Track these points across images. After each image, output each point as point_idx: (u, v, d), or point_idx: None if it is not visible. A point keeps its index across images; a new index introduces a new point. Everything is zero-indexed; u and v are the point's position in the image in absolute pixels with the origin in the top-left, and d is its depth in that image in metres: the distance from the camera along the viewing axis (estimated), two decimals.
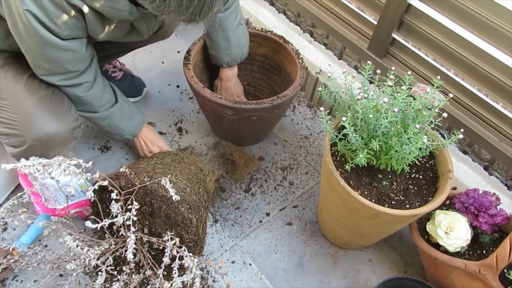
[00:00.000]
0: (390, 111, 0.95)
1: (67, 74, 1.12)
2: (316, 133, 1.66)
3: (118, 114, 1.30)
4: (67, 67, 1.09)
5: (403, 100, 0.98)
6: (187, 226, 1.10)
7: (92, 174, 0.98)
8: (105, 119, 1.29)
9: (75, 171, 0.91)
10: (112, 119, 1.29)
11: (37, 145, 1.12)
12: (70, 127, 1.16)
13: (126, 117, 1.33)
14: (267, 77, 1.61)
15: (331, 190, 1.13)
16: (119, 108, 1.29)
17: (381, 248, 1.38)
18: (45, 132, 1.11)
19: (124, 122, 1.33)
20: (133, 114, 1.36)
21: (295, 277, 1.30)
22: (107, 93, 1.26)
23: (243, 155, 1.51)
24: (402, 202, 1.08)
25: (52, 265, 1.18)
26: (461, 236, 1.11)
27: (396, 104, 0.98)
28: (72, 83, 1.15)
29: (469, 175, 1.41)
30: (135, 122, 1.36)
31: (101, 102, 1.24)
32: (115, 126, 1.32)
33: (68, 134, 1.16)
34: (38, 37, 0.96)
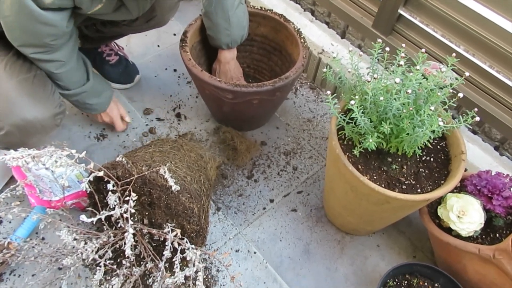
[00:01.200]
0: (403, 92, 0.89)
1: (41, 48, 1.05)
2: (320, 115, 1.61)
3: (88, 92, 1.26)
4: (42, 41, 1.03)
5: (416, 80, 0.92)
6: (189, 216, 1.05)
7: (87, 165, 0.93)
8: (75, 96, 1.24)
9: (68, 162, 0.85)
10: (81, 96, 1.25)
11: (15, 131, 1.06)
12: (51, 113, 1.09)
13: (96, 95, 1.30)
14: (268, 58, 1.55)
15: (338, 175, 1.08)
16: (90, 87, 1.25)
17: (389, 233, 1.34)
18: (23, 117, 1.05)
19: (93, 100, 1.30)
20: (102, 91, 1.32)
21: (301, 265, 1.26)
22: (79, 72, 1.21)
23: (245, 140, 1.46)
24: (413, 186, 1.03)
25: (50, 259, 1.14)
26: (474, 220, 1.07)
27: (409, 85, 0.92)
28: (45, 58, 1.08)
29: (480, 156, 1.36)
30: (103, 100, 1.34)
31: (72, 80, 1.20)
32: (83, 103, 1.29)
33: (49, 121, 1.10)
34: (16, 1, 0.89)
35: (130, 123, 1.50)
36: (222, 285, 1.20)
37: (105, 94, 1.33)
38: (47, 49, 1.06)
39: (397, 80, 0.93)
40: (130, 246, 0.83)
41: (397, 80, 0.93)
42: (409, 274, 1.18)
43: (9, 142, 1.09)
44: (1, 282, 1.17)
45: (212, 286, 1.20)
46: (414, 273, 1.18)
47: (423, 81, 0.97)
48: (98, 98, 1.31)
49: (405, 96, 0.90)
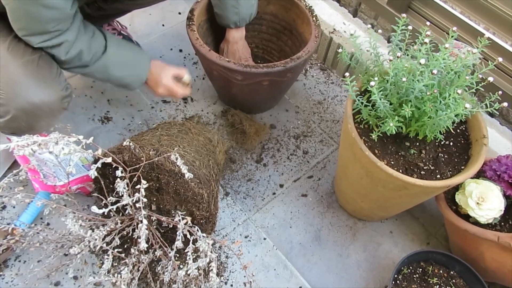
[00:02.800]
0: (427, 72, 0.84)
1: (46, 35, 1.00)
2: (330, 98, 1.55)
3: (113, 64, 1.14)
4: (47, 27, 0.97)
5: (444, 60, 0.86)
6: (198, 202, 1.01)
7: (94, 151, 0.89)
8: (100, 72, 1.14)
9: (75, 149, 0.81)
10: (107, 70, 1.14)
11: (22, 115, 1.02)
12: (58, 95, 1.05)
13: (125, 65, 1.17)
14: (277, 38, 1.49)
15: (353, 160, 1.03)
16: (110, 57, 1.13)
17: (403, 219, 1.31)
18: (30, 101, 1.00)
19: (124, 72, 1.17)
20: (134, 61, 1.19)
21: (312, 251, 1.23)
22: (95, 43, 1.11)
23: (254, 123, 1.41)
24: (432, 172, 0.99)
25: (55, 245, 1.12)
26: (494, 207, 1.03)
27: (436, 65, 0.86)
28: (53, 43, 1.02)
29: (497, 140, 1.31)
30: (137, 70, 1.19)
31: (89, 57, 1.10)
32: (114, 78, 1.17)
33: (56, 104, 1.05)
34: None
35: (190, 82, 1.29)
36: (232, 272, 1.17)
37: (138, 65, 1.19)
38: (52, 36, 1.01)
39: (422, 61, 0.87)
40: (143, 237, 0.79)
41: (422, 61, 0.87)
42: (424, 262, 1.14)
43: (17, 128, 1.05)
44: (6, 268, 1.14)
45: (221, 272, 1.17)
46: (429, 261, 1.14)
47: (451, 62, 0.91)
48: (131, 69, 1.17)
49: (429, 77, 0.84)
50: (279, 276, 1.18)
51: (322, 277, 1.19)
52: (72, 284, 1.14)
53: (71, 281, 1.14)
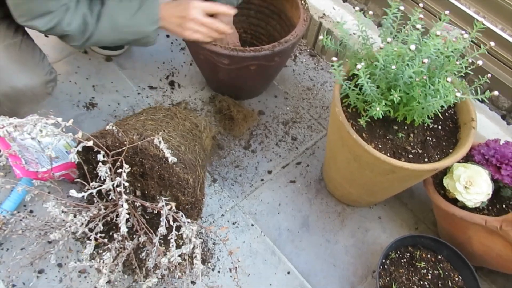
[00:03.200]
0: (418, 59, 0.82)
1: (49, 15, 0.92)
2: (320, 84, 1.54)
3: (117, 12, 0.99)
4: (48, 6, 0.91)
5: (435, 47, 0.84)
6: (183, 187, 1.00)
7: (74, 134, 0.86)
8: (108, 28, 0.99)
9: (54, 131, 0.79)
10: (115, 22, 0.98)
11: (4, 100, 0.99)
12: (42, 80, 1.02)
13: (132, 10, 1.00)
14: (266, 22, 1.46)
15: (340, 144, 1.02)
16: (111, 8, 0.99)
17: (391, 205, 1.30)
18: (13, 85, 0.97)
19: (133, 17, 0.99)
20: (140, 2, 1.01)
21: (300, 237, 1.22)
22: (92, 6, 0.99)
23: (242, 109, 1.39)
24: (420, 155, 0.98)
25: (39, 232, 1.09)
26: (482, 191, 1.02)
27: (426, 52, 0.84)
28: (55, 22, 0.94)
29: (486, 125, 1.31)
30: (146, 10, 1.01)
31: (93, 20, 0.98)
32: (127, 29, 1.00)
33: (40, 89, 1.03)
34: None
35: (229, 14, 1.09)
36: (219, 258, 1.16)
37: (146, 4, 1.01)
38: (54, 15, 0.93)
39: (412, 47, 0.85)
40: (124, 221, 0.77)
41: (412, 47, 0.85)
42: (411, 246, 1.14)
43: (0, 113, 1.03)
44: None
45: (208, 259, 1.16)
46: (417, 245, 1.14)
47: (442, 48, 0.89)
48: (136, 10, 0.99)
49: (419, 65, 0.83)
50: (267, 262, 1.17)
51: (310, 263, 1.18)
52: (56, 272, 1.12)
53: (55, 268, 1.12)
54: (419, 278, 1.09)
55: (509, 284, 1.18)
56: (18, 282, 1.09)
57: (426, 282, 1.09)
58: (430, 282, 1.09)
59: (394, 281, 1.08)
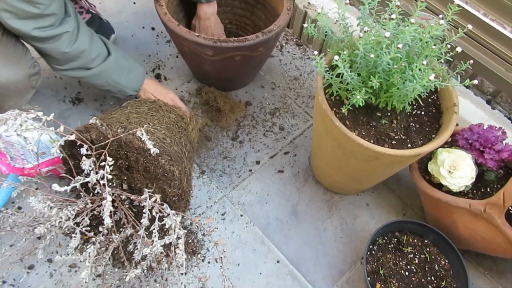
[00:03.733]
0: (394, 46, 0.82)
1: (40, 20, 0.96)
2: (307, 73, 1.54)
3: (114, 68, 1.15)
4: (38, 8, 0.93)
5: (410, 34, 0.84)
6: (169, 179, 1.00)
7: (56, 128, 0.86)
8: (100, 76, 1.14)
9: (34, 125, 0.79)
10: (108, 75, 1.14)
11: None
12: (25, 74, 1.02)
13: (124, 71, 1.18)
14: (251, 13, 1.46)
15: (325, 132, 1.03)
16: (114, 61, 1.14)
17: (379, 192, 1.31)
18: None
19: (123, 76, 1.18)
20: (132, 66, 1.21)
21: (289, 226, 1.23)
22: (96, 45, 1.10)
23: (228, 100, 1.39)
24: (403, 141, 0.99)
25: (27, 228, 1.10)
26: (466, 175, 1.03)
27: (402, 38, 0.84)
28: (51, 34, 1.00)
29: (471, 110, 1.32)
30: (135, 75, 1.21)
31: (92, 56, 1.09)
32: (113, 83, 1.17)
33: (24, 83, 1.03)
34: None
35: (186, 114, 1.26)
36: (208, 249, 1.17)
37: (136, 70, 1.22)
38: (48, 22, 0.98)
39: (387, 35, 0.85)
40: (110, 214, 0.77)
41: (387, 34, 0.85)
42: (398, 232, 1.16)
43: None
44: None
45: (198, 250, 1.17)
46: (403, 231, 1.16)
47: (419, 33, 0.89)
48: (128, 74, 1.19)
49: (395, 50, 0.83)
50: (257, 252, 1.18)
51: (299, 251, 1.19)
52: (46, 267, 1.12)
53: (46, 264, 1.13)
54: (406, 262, 1.11)
55: (495, 266, 1.20)
56: (9, 279, 1.10)
57: (413, 266, 1.10)
58: (417, 266, 1.10)
59: (381, 266, 1.09)
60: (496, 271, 1.20)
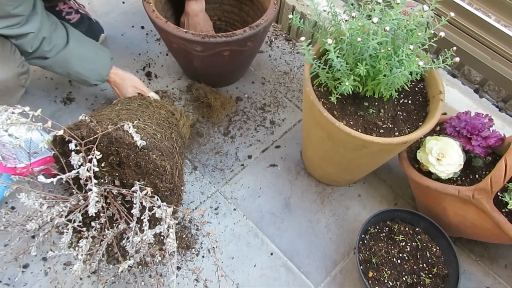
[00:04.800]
0: (380, 30, 0.83)
1: (10, 19, 0.98)
2: (296, 67, 1.55)
3: (73, 58, 1.15)
4: (7, 9, 0.95)
5: (396, 17, 0.86)
6: (161, 174, 1.01)
7: (44, 124, 0.87)
8: (59, 66, 1.15)
9: (21, 121, 0.79)
10: (67, 64, 1.15)
11: None
12: (14, 72, 1.03)
13: (85, 60, 1.18)
14: (239, 9, 1.47)
15: (314, 123, 1.04)
16: (72, 50, 1.14)
17: (370, 182, 1.32)
18: None
19: (84, 66, 1.18)
20: (95, 56, 1.20)
21: (282, 219, 1.24)
22: (56, 34, 1.11)
23: (219, 96, 1.40)
24: (390, 129, 1.00)
25: (21, 227, 1.10)
26: (454, 162, 1.05)
27: (388, 22, 0.86)
28: (17, 32, 1.01)
29: (459, 99, 1.33)
30: (98, 65, 1.21)
31: (49, 48, 1.10)
32: (74, 73, 1.18)
33: (13, 81, 1.03)
34: None
35: None
36: (202, 243, 1.17)
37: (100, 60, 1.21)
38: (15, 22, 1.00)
39: (375, 20, 0.87)
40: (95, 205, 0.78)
41: (375, 19, 0.87)
42: (390, 221, 1.17)
43: None
44: None
45: (192, 245, 1.17)
46: (395, 219, 1.17)
47: (404, 20, 0.91)
48: (90, 64, 1.19)
49: (382, 34, 0.84)
50: (250, 245, 1.19)
51: (293, 243, 1.20)
52: (41, 266, 1.13)
53: (40, 262, 1.13)
54: (398, 250, 1.12)
55: (486, 253, 1.22)
56: (4, 278, 1.10)
57: (405, 254, 1.11)
58: (409, 254, 1.11)
59: (374, 255, 1.10)
60: (487, 257, 1.21)
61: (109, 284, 1.10)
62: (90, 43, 1.22)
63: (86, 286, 1.09)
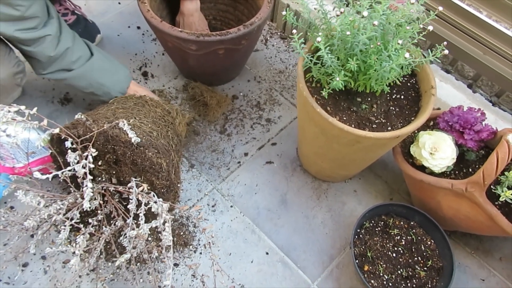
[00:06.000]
0: (369, 25, 0.85)
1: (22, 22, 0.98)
2: (292, 65, 1.56)
3: (97, 70, 1.15)
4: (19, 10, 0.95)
5: (384, 12, 0.87)
6: (157, 171, 1.02)
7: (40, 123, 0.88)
8: (83, 78, 1.15)
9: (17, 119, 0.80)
10: (91, 76, 1.15)
11: None
12: (9, 72, 1.04)
13: (108, 72, 1.18)
14: (233, 8, 1.48)
15: (308, 119, 1.05)
16: (96, 62, 1.15)
17: (366, 178, 1.34)
18: None
19: (107, 78, 1.18)
20: (116, 68, 1.21)
21: (278, 215, 1.25)
22: (78, 46, 1.12)
23: (215, 94, 1.41)
24: (383, 124, 1.02)
25: (20, 227, 1.11)
26: (447, 156, 1.06)
27: (376, 17, 0.87)
28: (34, 36, 1.01)
29: (453, 94, 1.34)
30: (120, 77, 1.22)
31: (73, 58, 1.10)
32: (97, 84, 1.17)
33: (9, 80, 1.04)
34: None
35: None
36: (200, 240, 1.19)
37: (120, 71, 1.23)
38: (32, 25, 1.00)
39: (365, 14, 0.88)
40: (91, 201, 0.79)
41: (365, 13, 0.88)
42: (385, 215, 1.18)
43: None
44: None
45: (190, 242, 1.19)
46: (390, 214, 1.18)
47: (391, 15, 0.92)
48: (112, 75, 1.19)
49: (371, 28, 0.86)
50: (247, 241, 1.21)
51: (289, 239, 1.22)
52: (40, 264, 1.14)
53: (40, 261, 1.14)
54: (393, 244, 1.13)
55: (481, 246, 1.23)
56: (3, 277, 1.11)
57: (400, 247, 1.13)
58: (404, 248, 1.13)
59: (369, 249, 1.11)
60: (482, 250, 1.23)
61: (108, 282, 1.11)
62: (108, 55, 1.23)
63: (85, 284, 1.11)
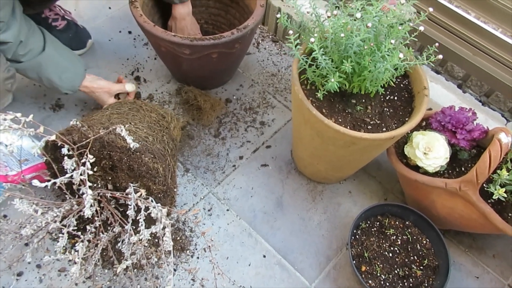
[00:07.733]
0: (363, 27, 0.86)
1: None
2: (284, 68, 1.57)
3: (46, 65, 1.15)
4: None
5: (376, 13, 0.89)
6: (154, 176, 1.02)
7: (36, 130, 0.87)
8: (32, 71, 1.14)
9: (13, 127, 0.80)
10: (39, 70, 1.14)
11: None
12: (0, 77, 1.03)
13: (59, 69, 1.18)
14: (225, 11, 1.48)
15: (303, 121, 1.06)
16: (46, 57, 1.14)
17: (360, 179, 1.35)
18: None
19: (55, 75, 1.18)
20: (68, 65, 1.20)
21: (275, 218, 1.26)
22: (33, 39, 1.11)
23: (209, 98, 1.41)
24: (378, 125, 1.03)
25: (14, 235, 1.10)
26: (440, 155, 1.08)
27: (369, 19, 0.88)
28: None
29: (443, 94, 1.37)
30: (70, 75, 1.21)
31: (23, 51, 1.10)
32: (46, 79, 1.17)
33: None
34: None
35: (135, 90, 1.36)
36: (197, 244, 1.18)
37: (73, 70, 1.21)
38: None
39: (358, 15, 0.90)
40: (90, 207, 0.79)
41: (358, 15, 0.90)
42: (380, 215, 1.19)
43: None
44: None
45: (187, 246, 1.18)
46: (385, 214, 1.19)
47: (383, 16, 0.94)
48: (62, 73, 1.18)
49: (365, 30, 0.87)
50: (244, 244, 1.21)
51: (286, 241, 1.22)
52: (36, 273, 1.12)
53: (35, 270, 1.13)
54: (389, 244, 1.14)
55: (474, 244, 1.25)
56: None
57: (396, 247, 1.14)
58: (400, 247, 1.14)
59: (366, 249, 1.12)
60: (476, 248, 1.24)
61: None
62: (66, 51, 1.22)
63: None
